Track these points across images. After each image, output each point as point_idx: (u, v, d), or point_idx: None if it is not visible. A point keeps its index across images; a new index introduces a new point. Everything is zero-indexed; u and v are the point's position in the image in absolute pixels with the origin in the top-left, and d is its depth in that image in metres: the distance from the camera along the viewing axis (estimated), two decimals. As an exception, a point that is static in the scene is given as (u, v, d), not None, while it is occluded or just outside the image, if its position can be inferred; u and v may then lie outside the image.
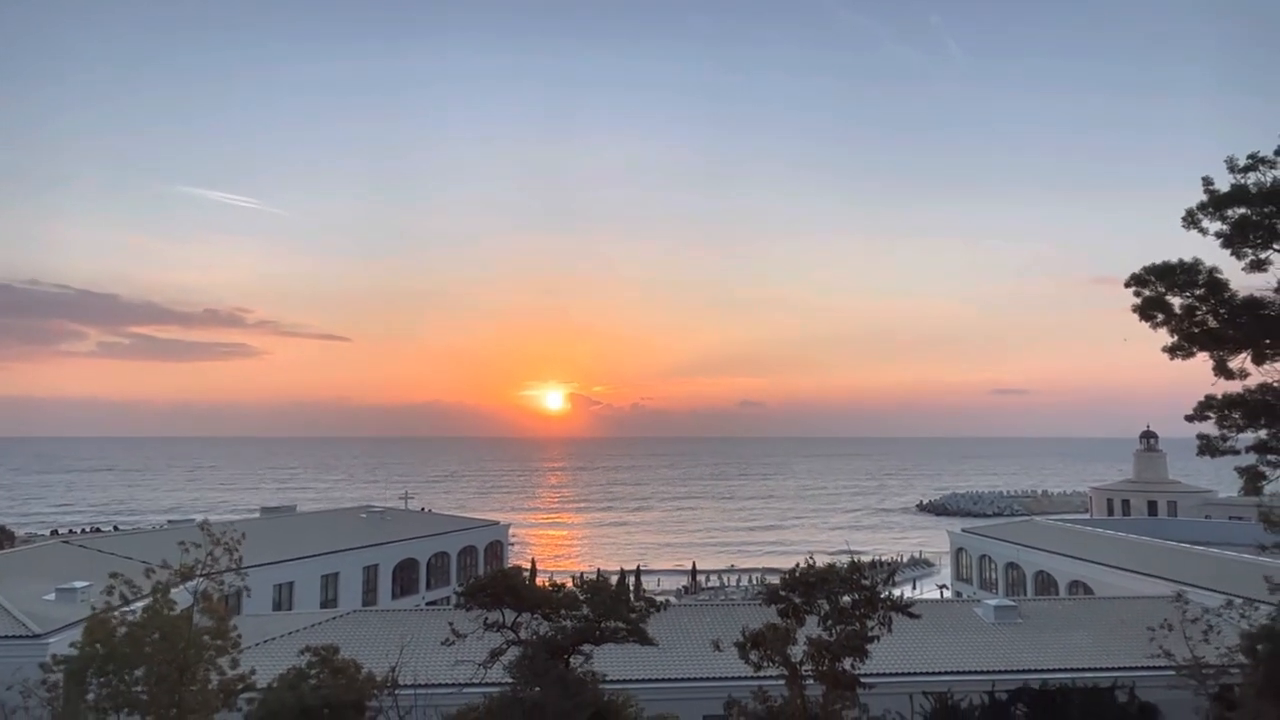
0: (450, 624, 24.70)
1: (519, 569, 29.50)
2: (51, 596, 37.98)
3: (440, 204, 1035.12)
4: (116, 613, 21.17)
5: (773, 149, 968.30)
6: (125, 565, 32.83)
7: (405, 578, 70.29)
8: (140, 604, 22.16)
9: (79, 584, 38.16)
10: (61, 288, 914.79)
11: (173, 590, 22.05)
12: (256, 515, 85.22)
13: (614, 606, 24.89)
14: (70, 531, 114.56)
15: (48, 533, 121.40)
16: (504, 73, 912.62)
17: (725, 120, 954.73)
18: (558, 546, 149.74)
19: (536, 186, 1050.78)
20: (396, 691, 24.54)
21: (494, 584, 25.16)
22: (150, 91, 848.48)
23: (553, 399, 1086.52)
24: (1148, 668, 32.06)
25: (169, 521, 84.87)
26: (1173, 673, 29.35)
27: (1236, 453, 26.66)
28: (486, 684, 25.12)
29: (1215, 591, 37.87)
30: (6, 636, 33.18)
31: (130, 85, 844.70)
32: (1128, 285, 27.91)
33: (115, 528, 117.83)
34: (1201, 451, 26.87)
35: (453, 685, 27.84)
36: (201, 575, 22.05)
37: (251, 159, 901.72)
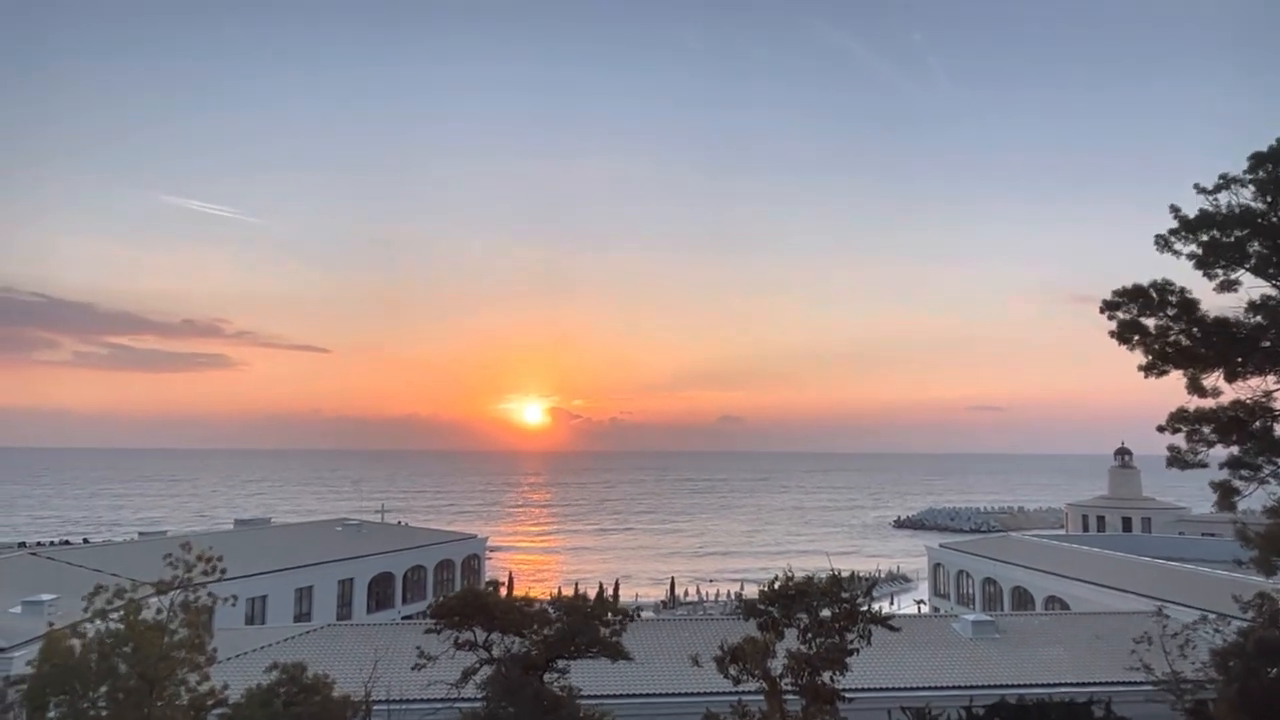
0: (419, 648, 24.01)
1: (496, 583, 29.24)
2: (18, 610, 37.23)
3: (422, 215, 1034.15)
4: (78, 627, 20.57)
5: (756, 165, 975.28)
6: (94, 578, 32.21)
7: (381, 592, 69.62)
8: (108, 618, 21.64)
9: (46, 597, 37.45)
10: (37, 296, 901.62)
11: (146, 605, 21.56)
12: (230, 527, 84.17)
13: (587, 622, 24.66)
14: (39, 544, 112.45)
15: (15, 545, 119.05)
16: (490, 84, 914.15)
17: (711, 136, 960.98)
18: (536, 561, 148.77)
19: (519, 199, 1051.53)
20: (372, 708, 24.16)
21: (463, 604, 24.82)
22: (129, 98, 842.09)
23: (532, 412, 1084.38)
24: (1124, 683, 32.18)
25: (140, 534, 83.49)
26: (1149, 688, 29.44)
27: (1205, 466, 26.88)
28: (462, 699, 24.81)
29: (1189, 607, 38.17)
30: (-31, 651, 32.49)
31: (109, 92, 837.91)
32: (1102, 311, 28.12)
33: (85, 540, 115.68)
34: (1170, 463, 27.07)
35: (427, 702, 27.46)
36: (179, 588, 21.54)
37: (231, 168, 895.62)
